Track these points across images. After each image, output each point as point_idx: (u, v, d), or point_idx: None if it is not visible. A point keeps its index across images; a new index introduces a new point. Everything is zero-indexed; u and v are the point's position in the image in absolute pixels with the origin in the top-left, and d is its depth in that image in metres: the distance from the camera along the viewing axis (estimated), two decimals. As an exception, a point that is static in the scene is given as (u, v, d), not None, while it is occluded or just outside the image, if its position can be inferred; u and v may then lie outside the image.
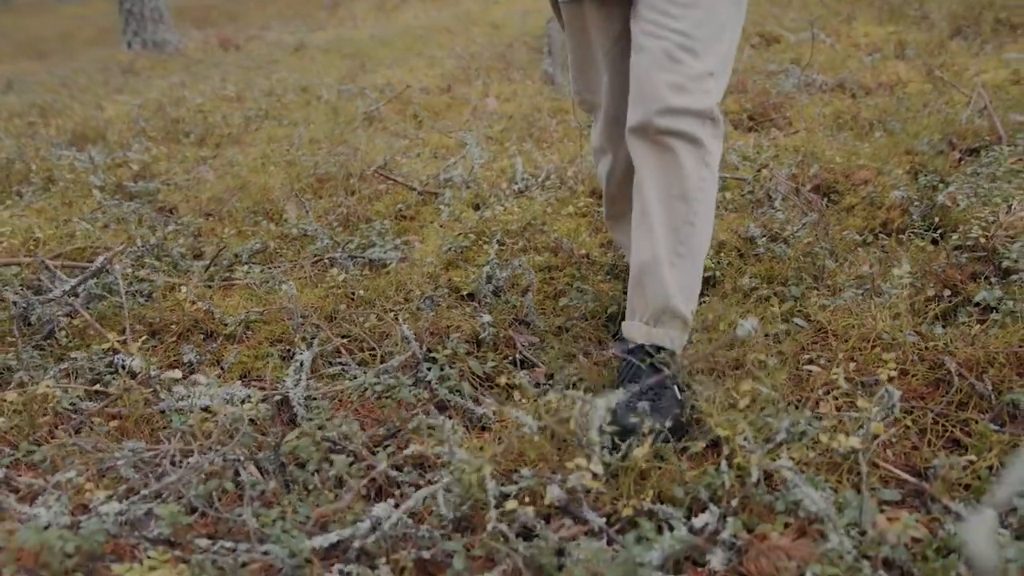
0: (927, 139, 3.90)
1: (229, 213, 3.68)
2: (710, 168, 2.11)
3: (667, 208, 2.10)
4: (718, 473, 1.84)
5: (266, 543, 1.69)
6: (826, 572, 1.54)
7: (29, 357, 2.49)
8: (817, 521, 1.71)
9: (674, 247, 2.13)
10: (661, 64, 2.01)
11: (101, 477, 1.94)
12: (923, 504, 1.84)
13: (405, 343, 2.48)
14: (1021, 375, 2.13)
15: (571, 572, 1.59)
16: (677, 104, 2.01)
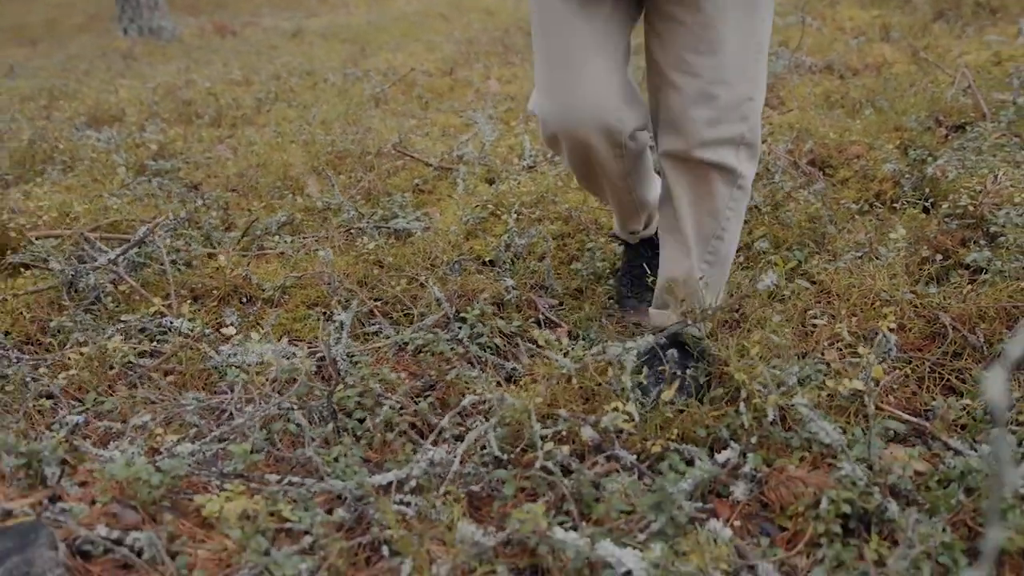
0: (915, 116, 4.05)
1: (253, 188, 3.80)
2: (743, 189, 2.14)
3: (698, 223, 2.17)
4: (737, 414, 1.98)
5: (328, 479, 1.83)
6: (840, 496, 1.69)
7: (81, 320, 2.61)
8: (830, 455, 1.86)
9: (703, 255, 2.20)
10: (697, 101, 1.99)
11: (167, 424, 2.07)
12: (924, 442, 1.99)
13: (436, 304, 2.62)
14: (1010, 328, 2.29)
15: (608, 501, 1.74)
16: (712, 137, 2.02)
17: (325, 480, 1.83)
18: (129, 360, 2.40)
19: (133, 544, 1.61)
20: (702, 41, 1.95)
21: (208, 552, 1.62)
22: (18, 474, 1.79)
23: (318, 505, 1.77)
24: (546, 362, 2.36)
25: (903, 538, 1.59)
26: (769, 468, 1.87)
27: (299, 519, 1.65)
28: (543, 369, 2.30)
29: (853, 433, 1.91)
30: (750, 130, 2.06)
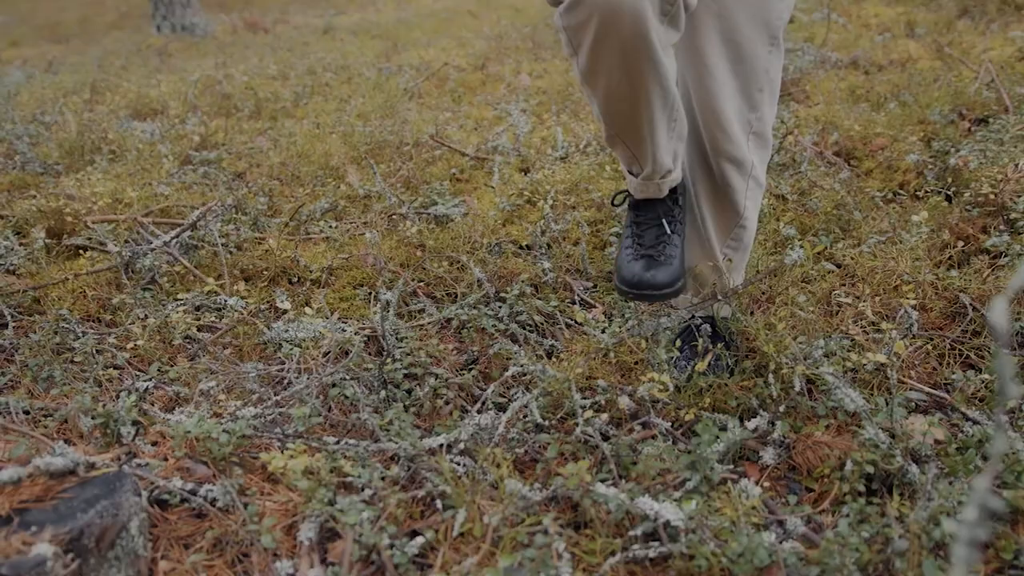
0: (938, 110, 4.13)
1: (295, 177, 3.93)
2: (756, 180, 2.18)
3: (720, 218, 2.24)
4: (766, 385, 2.09)
5: (382, 441, 1.95)
6: (864, 458, 1.80)
7: (140, 298, 2.75)
8: (854, 423, 1.97)
9: (725, 243, 2.28)
10: (714, 92, 2.03)
11: (229, 391, 2.20)
12: (944, 413, 2.09)
13: (478, 285, 2.74)
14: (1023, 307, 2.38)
15: (645, 462, 1.85)
16: (732, 134, 2.08)
17: (380, 441, 1.95)
18: (189, 334, 2.53)
19: (206, 495, 1.74)
20: (716, 32, 1.99)
21: (275, 503, 1.74)
22: (95, 433, 1.92)
23: (376, 462, 1.89)
24: (584, 338, 2.48)
25: (923, 492, 1.70)
26: (796, 434, 1.98)
27: (358, 475, 1.77)
28: (581, 345, 2.42)
29: (876, 403, 2.01)
30: (758, 120, 2.10)
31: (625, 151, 2.05)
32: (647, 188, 2.11)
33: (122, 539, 1.52)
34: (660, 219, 2.16)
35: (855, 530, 1.63)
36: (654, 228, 2.16)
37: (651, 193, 2.11)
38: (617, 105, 1.88)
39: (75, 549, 1.45)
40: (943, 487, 1.72)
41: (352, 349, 2.22)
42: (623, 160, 2.13)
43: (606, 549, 1.63)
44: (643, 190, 2.12)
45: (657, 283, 2.09)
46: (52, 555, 1.40)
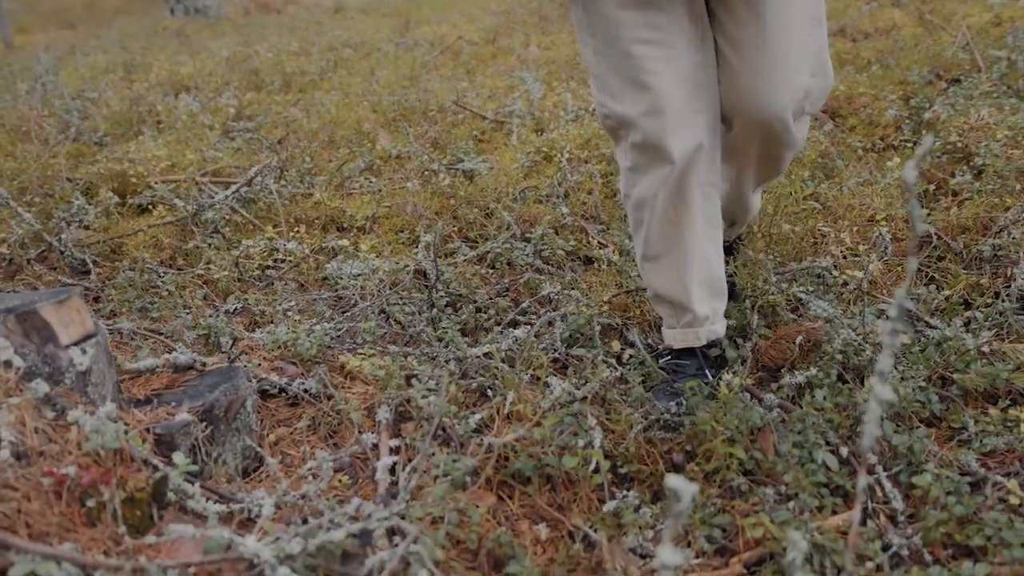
0: (917, 71, 4.45)
1: (331, 141, 4.27)
2: (803, 120, 2.10)
3: (761, 175, 2.26)
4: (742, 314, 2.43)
5: (436, 347, 2.31)
6: (835, 348, 2.15)
7: (211, 243, 3.10)
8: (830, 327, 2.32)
9: (758, 189, 2.36)
10: (767, 80, 1.97)
11: (302, 312, 2.56)
12: (911, 322, 2.44)
13: (506, 227, 3.08)
14: (984, 235, 2.73)
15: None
16: (786, 119, 2.00)
17: (434, 347, 2.31)
18: (258, 272, 2.88)
19: (298, 388, 2.09)
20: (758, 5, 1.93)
21: (354, 394, 2.10)
22: (198, 344, 2.28)
23: (431, 364, 2.25)
24: (599, 273, 2.83)
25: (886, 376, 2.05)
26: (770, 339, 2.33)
27: (423, 369, 2.12)
28: (596, 278, 2.77)
29: (851, 312, 2.36)
30: (812, 91, 2.01)
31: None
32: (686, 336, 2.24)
33: (241, 413, 1.88)
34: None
35: (828, 400, 1.98)
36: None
37: (690, 340, 2.23)
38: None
39: (207, 419, 1.80)
40: (908, 370, 2.07)
41: (405, 279, 2.57)
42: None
43: (629, 422, 1.99)
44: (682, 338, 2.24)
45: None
46: (191, 421, 1.75)
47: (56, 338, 1.71)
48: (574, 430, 1.88)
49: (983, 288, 2.50)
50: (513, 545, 1.61)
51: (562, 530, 1.75)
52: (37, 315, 1.70)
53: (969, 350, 2.15)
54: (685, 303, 2.18)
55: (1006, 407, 2.01)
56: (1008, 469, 1.85)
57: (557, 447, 1.85)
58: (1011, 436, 1.91)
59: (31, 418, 1.58)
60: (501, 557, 1.60)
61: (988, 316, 2.34)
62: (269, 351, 2.20)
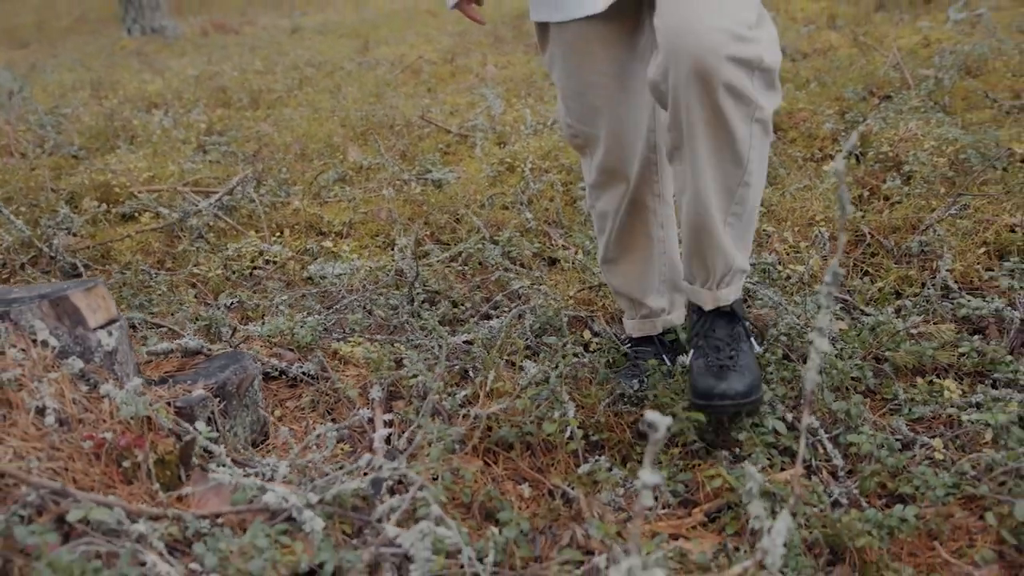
0: (852, 89, 4.73)
1: (303, 154, 4.44)
2: (761, 123, 1.90)
3: (720, 172, 1.92)
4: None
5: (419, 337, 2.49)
6: (779, 331, 2.37)
7: (198, 247, 3.26)
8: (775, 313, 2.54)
9: (729, 208, 1.98)
10: (701, 16, 1.77)
11: (291, 307, 2.73)
12: (848, 311, 2.67)
13: (476, 230, 3.28)
14: (912, 233, 2.97)
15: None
16: (725, 52, 1.76)
17: (418, 337, 2.49)
18: (245, 272, 3.05)
19: (297, 370, 2.26)
20: None
21: (348, 376, 2.28)
22: (199, 334, 2.44)
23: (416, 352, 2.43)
24: (563, 272, 3.03)
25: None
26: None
27: (409, 354, 2.31)
28: (560, 276, 2.97)
29: (794, 301, 2.58)
30: (766, 53, 1.83)
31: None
32: (644, 326, 2.42)
33: (250, 391, 2.05)
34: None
35: (775, 374, 2.20)
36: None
37: (647, 329, 2.41)
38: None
39: (221, 394, 1.97)
40: (845, 348, 2.30)
41: (384, 277, 2.76)
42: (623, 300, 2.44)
43: (598, 397, 2.19)
44: (640, 327, 2.42)
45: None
46: (207, 396, 1.92)
47: (85, 321, 1.88)
48: (550, 403, 2.08)
49: (912, 279, 2.75)
50: (502, 499, 1.80)
51: (543, 489, 1.94)
52: (68, 300, 1.86)
53: (899, 332, 2.39)
54: (641, 299, 2.39)
55: (931, 380, 2.24)
56: (934, 432, 2.07)
57: (536, 417, 2.04)
58: (936, 405, 2.14)
59: (69, 390, 1.74)
60: (491, 509, 1.78)
61: (916, 304, 2.58)
62: (268, 338, 2.37)
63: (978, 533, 1.74)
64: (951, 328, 2.43)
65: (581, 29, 2.02)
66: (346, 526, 1.61)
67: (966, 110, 4.18)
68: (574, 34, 2.04)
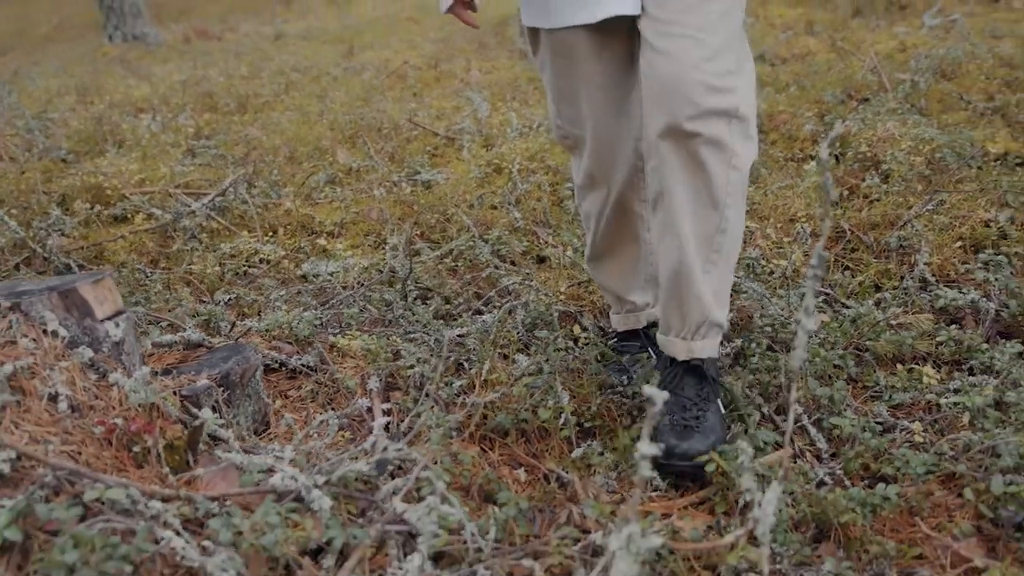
0: (831, 92, 4.82)
1: (292, 156, 4.49)
2: (739, 171, 1.94)
3: (698, 218, 1.96)
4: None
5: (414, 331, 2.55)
6: (764, 323, 2.44)
7: (192, 247, 3.30)
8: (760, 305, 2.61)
9: (708, 255, 2.00)
10: (685, 64, 1.85)
11: (288, 302, 2.78)
12: (830, 304, 2.75)
13: (466, 229, 3.34)
14: (890, 229, 3.06)
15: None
16: (704, 105, 1.85)
17: (413, 331, 2.55)
18: (239, 270, 3.09)
19: (296, 362, 2.31)
20: (687, 2, 1.88)
21: (347, 367, 2.33)
22: (198, 329, 2.49)
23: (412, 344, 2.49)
24: (550, 269, 3.10)
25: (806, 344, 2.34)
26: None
27: (406, 347, 2.36)
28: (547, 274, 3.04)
29: (778, 295, 2.66)
30: (742, 104, 1.91)
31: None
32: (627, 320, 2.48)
33: (252, 381, 2.10)
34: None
35: (760, 363, 2.27)
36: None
37: (631, 323, 2.47)
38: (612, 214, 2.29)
39: (224, 384, 2.02)
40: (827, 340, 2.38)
41: (377, 275, 2.81)
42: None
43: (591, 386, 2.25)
44: (624, 322, 2.48)
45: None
46: (211, 385, 1.97)
47: (93, 313, 1.92)
48: (544, 392, 2.14)
49: (891, 273, 2.83)
50: (499, 482, 1.86)
51: (538, 474, 2.00)
52: (76, 292, 1.91)
53: (879, 322, 2.46)
54: (625, 296, 2.44)
55: (911, 368, 2.32)
56: (914, 417, 2.15)
57: (531, 405, 2.11)
58: (916, 392, 2.22)
59: (79, 379, 1.79)
60: (490, 492, 1.84)
61: (895, 296, 2.66)
62: (267, 332, 2.42)
63: (956, 509, 1.81)
64: (929, 318, 2.51)
65: (570, 38, 2.02)
66: (351, 506, 1.67)
67: (942, 112, 4.27)
68: (563, 42, 2.04)
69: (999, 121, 4.11)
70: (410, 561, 1.43)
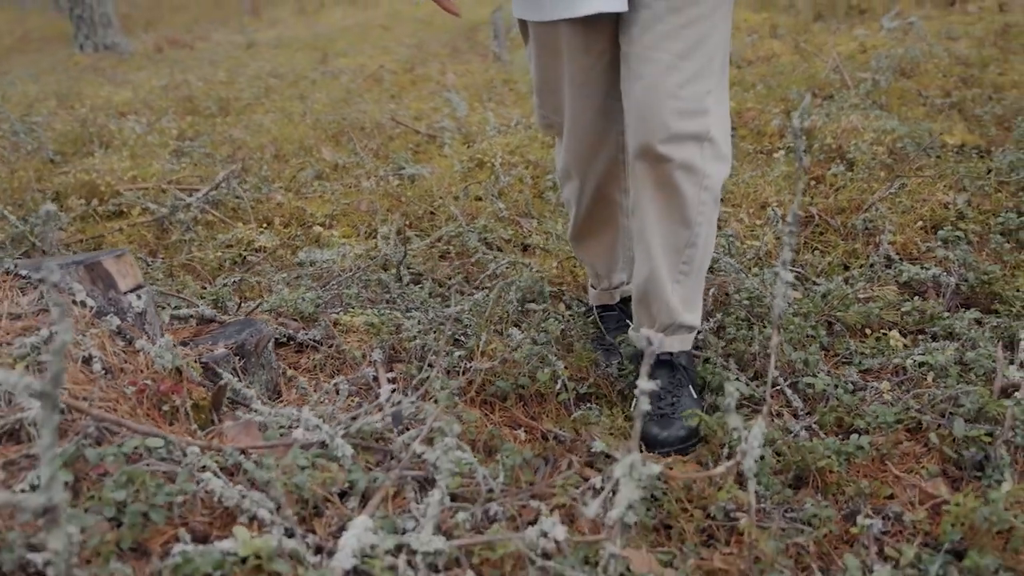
0: (796, 90, 5.01)
1: (278, 155, 4.60)
2: (710, 191, 2.05)
3: (668, 232, 2.07)
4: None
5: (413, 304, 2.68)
6: (742, 297, 2.59)
7: (189, 239, 3.41)
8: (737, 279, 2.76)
9: (676, 266, 2.11)
10: (659, 90, 1.93)
11: (288, 284, 2.90)
12: (801, 281, 2.90)
13: (453, 219, 3.47)
14: (856, 213, 3.22)
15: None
16: (675, 130, 1.94)
17: (409, 310, 2.68)
18: (240, 257, 3.21)
19: (303, 337, 2.43)
20: (667, 24, 1.94)
21: (351, 341, 2.45)
22: (209, 306, 2.60)
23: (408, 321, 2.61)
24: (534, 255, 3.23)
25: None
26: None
27: (406, 321, 2.49)
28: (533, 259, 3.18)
29: (753, 273, 2.81)
30: (714, 126, 2.00)
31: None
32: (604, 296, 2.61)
33: (265, 351, 2.22)
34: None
35: (736, 333, 2.42)
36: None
37: (606, 299, 2.61)
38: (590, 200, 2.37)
39: (240, 353, 2.13)
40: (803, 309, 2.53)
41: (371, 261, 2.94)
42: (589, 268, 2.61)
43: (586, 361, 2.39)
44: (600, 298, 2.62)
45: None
46: (228, 354, 2.09)
47: (116, 285, 2.04)
48: (540, 358, 2.28)
49: (857, 253, 2.99)
50: (502, 439, 1.99)
51: (536, 433, 2.13)
52: (101, 266, 2.02)
53: (848, 295, 2.62)
54: (604, 274, 2.59)
55: (879, 336, 2.48)
56: (882, 379, 2.30)
57: (529, 371, 2.24)
58: (883, 357, 2.37)
59: (109, 344, 1.91)
60: (494, 447, 1.97)
61: (862, 273, 2.82)
62: (274, 310, 2.54)
63: (923, 456, 1.96)
64: (894, 291, 2.67)
65: (556, 31, 2.08)
66: (368, 457, 1.79)
67: (902, 107, 4.47)
68: (549, 35, 2.11)
69: (956, 116, 4.31)
70: (431, 496, 1.56)
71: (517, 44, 7.93)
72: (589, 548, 1.55)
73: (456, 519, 1.57)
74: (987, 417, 1.98)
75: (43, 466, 1.15)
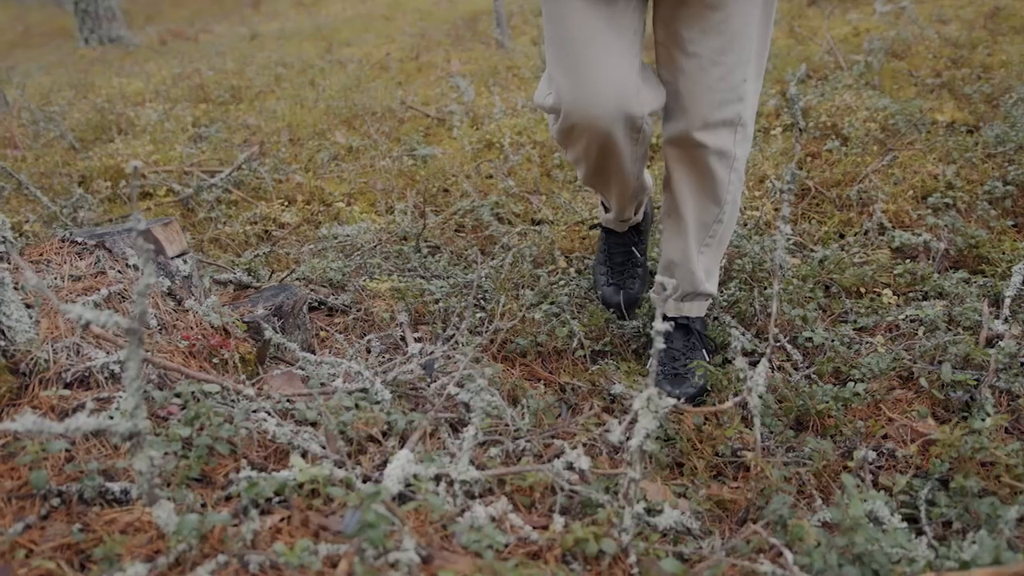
0: (792, 72, 5.13)
1: (294, 139, 4.73)
2: (737, 172, 2.17)
3: (700, 209, 2.22)
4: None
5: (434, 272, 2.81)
6: (744, 264, 2.73)
7: (215, 216, 3.54)
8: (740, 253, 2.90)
9: (703, 239, 2.28)
10: (700, 84, 2.01)
11: (314, 256, 3.03)
12: (799, 248, 3.04)
13: (466, 194, 3.61)
14: (850, 185, 3.36)
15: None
16: (712, 119, 2.04)
17: (432, 278, 2.82)
18: (261, 235, 3.34)
19: (334, 302, 2.57)
20: (707, 21, 1.96)
21: (378, 306, 2.59)
22: (244, 275, 2.74)
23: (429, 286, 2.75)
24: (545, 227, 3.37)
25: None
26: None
27: (431, 284, 2.63)
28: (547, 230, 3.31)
29: (753, 240, 2.95)
30: (746, 111, 2.07)
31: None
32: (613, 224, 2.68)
33: (300, 313, 2.36)
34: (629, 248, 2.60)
35: (738, 294, 2.56)
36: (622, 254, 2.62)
37: (615, 227, 2.69)
38: (591, 164, 2.21)
39: (278, 314, 2.27)
40: (800, 273, 2.67)
41: (390, 236, 3.07)
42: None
43: (601, 320, 2.53)
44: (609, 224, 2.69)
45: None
46: (268, 314, 2.23)
47: (164, 251, 2.18)
48: (555, 315, 2.42)
49: (852, 222, 3.13)
50: (525, 387, 2.13)
51: (555, 386, 2.27)
52: (150, 233, 2.16)
53: (843, 259, 2.76)
54: (614, 209, 2.59)
55: (873, 296, 2.62)
56: (876, 335, 2.45)
57: (547, 329, 2.38)
58: (877, 316, 2.52)
59: (161, 304, 2.04)
60: (517, 396, 2.11)
61: (857, 240, 2.96)
62: (305, 277, 2.68)
63: (914, 400, 2.11)
64: (887, 255, 2.81)
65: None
66: (404, 402, 1.94)
67: (894, 87, 4.60)
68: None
69: (946, 95, 4.44)
70: (466, 432, 1.70)
71: (519, 32, 8.05)
72: (609, 480, 1.68)
73: (489, 453, 1.72)
74: (973, 364, 2.12)
75: (128, 396, 1.29)
